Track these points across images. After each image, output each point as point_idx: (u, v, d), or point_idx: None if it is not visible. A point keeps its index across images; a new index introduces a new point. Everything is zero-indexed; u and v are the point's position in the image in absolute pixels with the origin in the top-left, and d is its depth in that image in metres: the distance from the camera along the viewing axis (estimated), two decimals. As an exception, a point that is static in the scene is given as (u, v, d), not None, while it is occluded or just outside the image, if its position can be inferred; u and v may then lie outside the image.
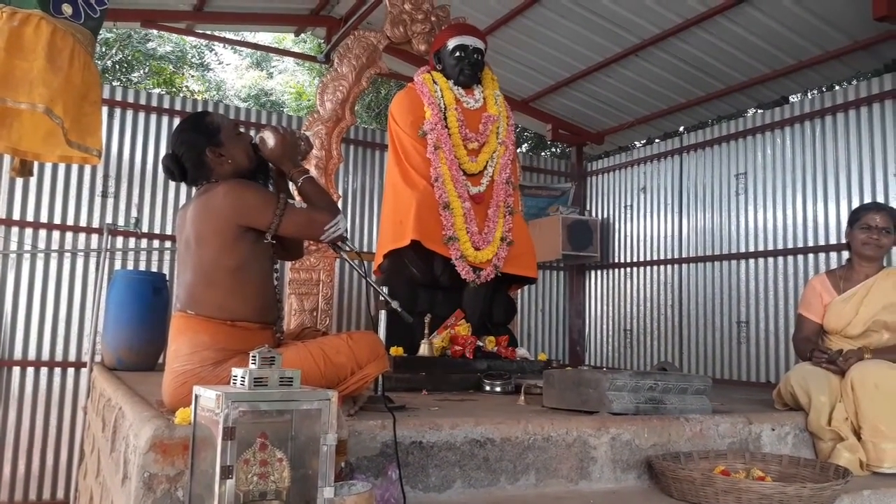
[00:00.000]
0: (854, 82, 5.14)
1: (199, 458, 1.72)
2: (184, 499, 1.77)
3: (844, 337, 3.25)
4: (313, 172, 3.97)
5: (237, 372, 1.68)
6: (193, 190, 2.40)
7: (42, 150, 2.91)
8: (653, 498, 2.30)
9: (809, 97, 5.72)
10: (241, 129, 2.43)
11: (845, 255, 4.84)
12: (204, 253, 2.19)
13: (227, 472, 1.51)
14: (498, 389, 3.42)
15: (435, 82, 4.11)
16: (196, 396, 1.72)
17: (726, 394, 3.88)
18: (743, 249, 5.58)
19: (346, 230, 2.32)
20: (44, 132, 2.81)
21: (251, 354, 1.68)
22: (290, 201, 2.25)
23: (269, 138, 2.33)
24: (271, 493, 1.63)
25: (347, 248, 2.38)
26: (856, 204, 4.83)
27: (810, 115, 5.19)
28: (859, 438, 2.84)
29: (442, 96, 4.05)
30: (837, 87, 5.58)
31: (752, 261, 5.48)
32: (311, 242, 4.00)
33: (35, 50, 2.65)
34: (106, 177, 5.42)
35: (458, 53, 4.11)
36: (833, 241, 4.92)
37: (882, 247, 3.24)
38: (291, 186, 2.44)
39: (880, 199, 4.71)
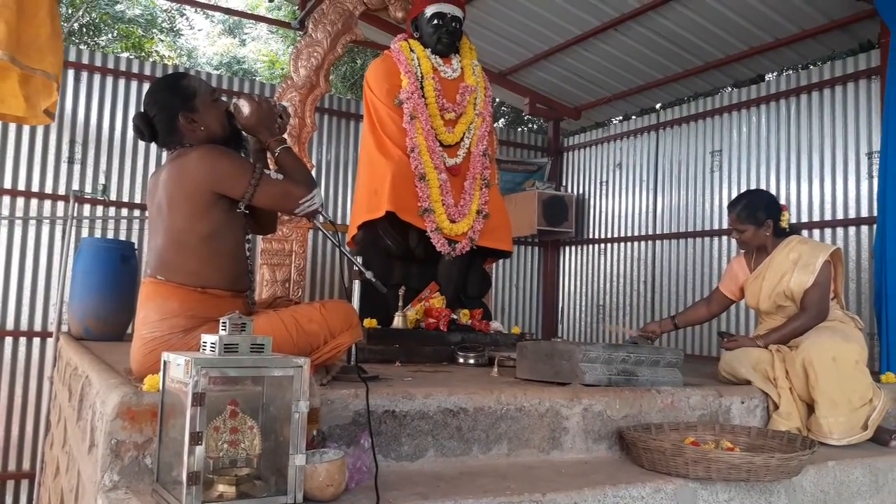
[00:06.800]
0: (829, 62, 5.17)
1: (167, 426, 1.70)
2: (152, 466, 1.74)
3: (765, 314, 3.33)
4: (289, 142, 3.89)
5: (207, 338, 1.65)
6: (164, 156, 2.33)
7: None
8: (623, 468, 2.33)
9: (785, 76, 5.75)
10: (219, 96, 2.35)
11: (816, 233, 4.94)
12: (175, 218, 2.14)
13: (196, 439, 1.49)
14: (472, 362, 3.42)
15: (412, 50, 4.03)
16: (165, 363, 1.69)
17: (698, 368, 3.92)
18: (717, 226, 5.63)
19: (322, 205, 2.28)
20: None
21: (221, 321, 1.65)
22: (266, 171, 2.20)
23: (244, 106, 2.27)
24: (242, 461, 1.61)
25: (322, 219, 2.34)
26: (829, 183, 4.89)
27: (786, 94, 5.22)
28: (811, 413, 2.91)
29: (419, 65, 3.98)
30: (813, 67, 5.61)
31: (724, 238, 5.53)
32: (285, 211, 3.94)
33: (38, 15, 2.62)
34: (72, 142, 5.26)
35: (435, 21, 4.02)
36: (805, 219, 4.97)
37: (744, 242, 3.32)
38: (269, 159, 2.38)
39: (852, 178, 4.75)
